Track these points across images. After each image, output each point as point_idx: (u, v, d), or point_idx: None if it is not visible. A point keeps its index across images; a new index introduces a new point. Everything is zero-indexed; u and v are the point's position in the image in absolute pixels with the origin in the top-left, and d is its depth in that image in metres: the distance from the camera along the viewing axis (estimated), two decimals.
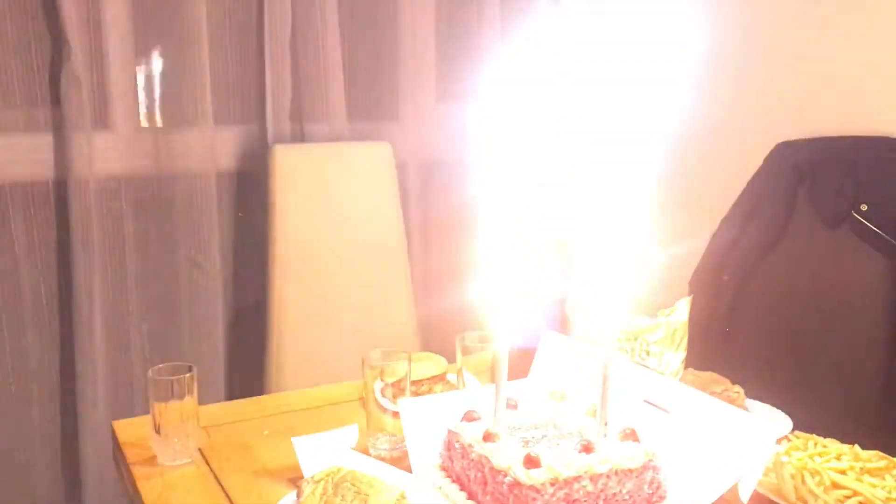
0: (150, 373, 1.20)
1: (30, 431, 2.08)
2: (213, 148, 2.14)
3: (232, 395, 2.21)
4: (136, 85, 2.11)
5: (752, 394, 1.37)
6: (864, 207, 1.64)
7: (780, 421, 1.28)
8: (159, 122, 2.15)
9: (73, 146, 1.97)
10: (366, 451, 1.22)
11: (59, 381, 2.10)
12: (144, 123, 2.14)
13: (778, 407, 1.35)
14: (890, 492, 1.01)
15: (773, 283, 1.79)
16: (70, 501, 2.13)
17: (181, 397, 1.20)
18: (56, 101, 1.96)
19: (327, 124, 2.24)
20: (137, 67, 2.10)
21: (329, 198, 2.15)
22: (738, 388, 1.32)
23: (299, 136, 2.23)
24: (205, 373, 2.16)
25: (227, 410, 1.45)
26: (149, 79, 2.13)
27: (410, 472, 1.15)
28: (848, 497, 1.01)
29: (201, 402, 1.42)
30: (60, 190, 2.01)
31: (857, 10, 1.77)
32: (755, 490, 1.04)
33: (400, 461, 1.17)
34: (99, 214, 2.03)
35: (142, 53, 2.10)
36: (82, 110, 1.96)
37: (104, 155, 2.04)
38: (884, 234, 1.61)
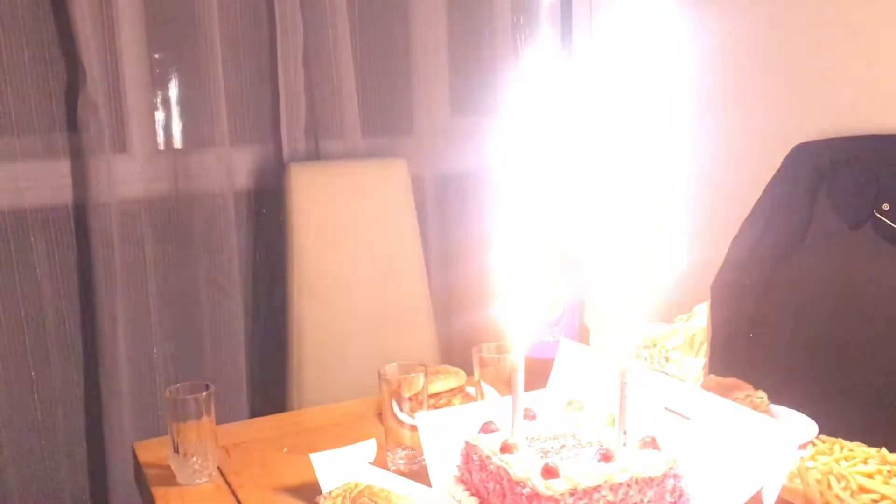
0: (167, 392, 1.20)
1: (56, 455, 2.09)
2: (229, 168, 2.15)
3: (255, 413, 2.21)
4: (152, 108, 2.13)
5: (778, 398, 1.35)
6: (886, 207, 1.62)
7: (805, 426, 1.26)
8: (176, 144, 2.16)
9: (91, 170, 1.99)
10: (384, 466, 1.21)
11: (84, 404, 2.11)
12: (161, 146, 2.16)
13: (804, 411, 1.33)
14: None
15: (795, 286, 1.77)
16: None
17: (199, 416, 1.20)
18: (73, 126, 1.99)
19: (342, 141, 2.25)
20: (153, 90, 2.12)
21: (345, 215, 2.16)
22: (761, 393, 1.30)
23: (314, 153, 2.24)
24: (228, 392, 2.17)
25: (247, 429, 1.45)
26: (165, 101, 2.15)
27: (429, 485, 1.14)
28: (876, 501, 0.98)
29: (225, 420, 1.43)
30: (80, 214, 2.03)
31: (872, 7, 1.74)
32: (780, 496, 1.02)
33: (418, 475, 1.17)
34: (119, 237, 2.04)
35: (157, 76, 2.12)
36: (100, 135, 1.98)
37: (123, 178, 2.06)
38: None
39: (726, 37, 2.05)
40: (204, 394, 1.20)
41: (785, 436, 1.00)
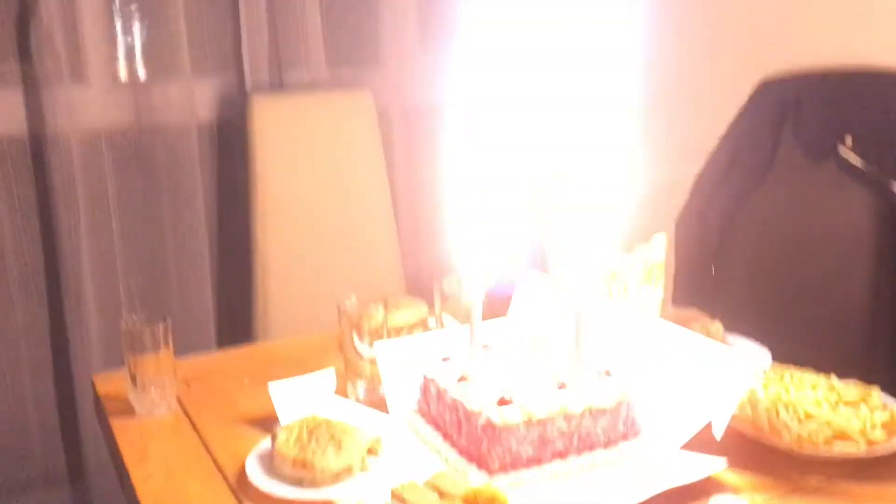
0: (122, 324, 1.19)
1: (22, 393, 2.08)
2: (191, 99, 2.10)
3: (222, 347, 2.21)
4: (110, 37, 2.06)
5: (737, 329, 1.36)
6: (848, 142, 1.62)
7: (759, 355, 1.28)
8: (137, 75, 2.11)
9: (49, 101, 1.93)
10: (344, 396, 1.21)
11: (50, 341, 2.10)
12: (121, 76, 2.10)
13: (761, 342, 1.34)
14: (864, 422, 1.01)
15: (758, 221, 1.78)
16: (71, 459, 2.14)
17: (156, 349, 1.19)
18: (27, 55, 1.92)
19: (306, 70, 2.20)
20: (111, 18, 2.06)
21: (310, 147, 2.13)
22: (717, 323, 1.31)
23: (278, 83, 2.19)
24: (195, 325, 2.16)
25: (208, 361, 1.45)
26: (124, 30, 2.09)
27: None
28: (822, 428, 1.00)
29: (191, 353, 1.43)
30: (37, 147, 1.98)
31: None
32: (731, 425, 1.04)
33: (378, 405, 1.17)
34: (81, 170, 2.00)
35: (115, 4, 2.05)
36: (57, 64, 1.93)
37: (82, 109, 2.00)
38: (868, 168, 1.59)
39: None
40: (161, 325, 1.19)
41: (737, 364, 1.02)
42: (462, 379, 1.06)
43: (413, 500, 0.90)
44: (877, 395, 1.07)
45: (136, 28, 2.10)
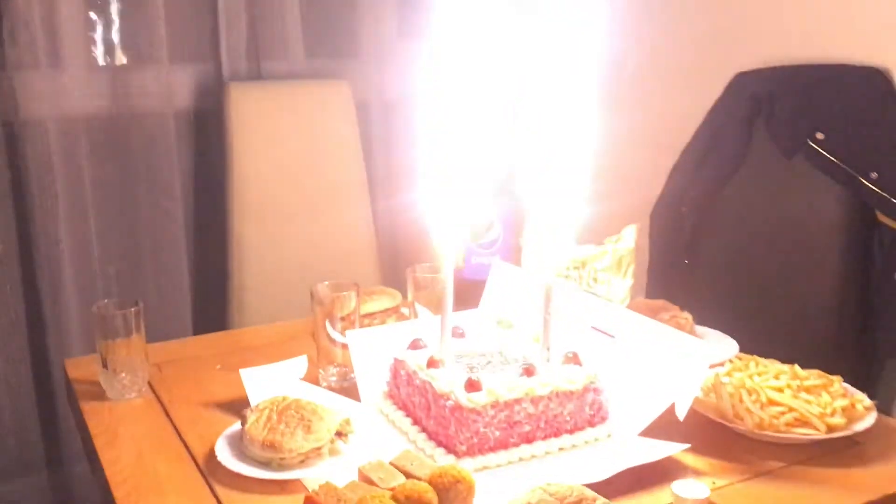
0: (94, 308, 1.19)
1: None
2: (168, 87, 2.10)
3: (198, 332, 2.21)
4: (87, 23, 2.05)
5: (708, 321, 1.38)
6: (820, 136, 1.64)
7: (727, 345, 1.30)
8: (113, 61, 2.10)
9: (24, 86, 1.93)
10: (316, 383, 1.22)
11: (27, 329, 2.08)
12: (98, 62, 2.10)
13: (731, 333, 1.36)
14: (825, 407, 1.03)
15: (730, 214, 1.80)
16: (49, 447, 2.14)
17: (128, 333, 1.19)
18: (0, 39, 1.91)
19: (285, 62, 2.20)
20: (89, 4, 2.05)
21: (287, 137, 2.13)
22: (686, 314, 1.33)
23: (256, 74, 2.19)
24: (171, 311, 2.16)
25: (181, 346, 1.45)
26: (101, 16, 2.08)
27: (359, 401, 1.16)
28: (783, 413, 1.02)
29: (167, 339, 1.43)
30: (10, 132, 1.97)
31: None
32: (696, 409, 1.06)
33: (349, 391, 1.18)
34: (57, 156, 1.99)
35: None
36: (34, 50, 1.92)
37: (58, 95, 1.99)
38: (839, 163, 1.61)
39: None
40: (132, 310, 1.19)
41: (697, 349, 1.04)
42: (432, 362, 1.07)
43: (379, 478, 0.91)
44: (838, 383, 1.09)
45: (114, 15, 2.09)
